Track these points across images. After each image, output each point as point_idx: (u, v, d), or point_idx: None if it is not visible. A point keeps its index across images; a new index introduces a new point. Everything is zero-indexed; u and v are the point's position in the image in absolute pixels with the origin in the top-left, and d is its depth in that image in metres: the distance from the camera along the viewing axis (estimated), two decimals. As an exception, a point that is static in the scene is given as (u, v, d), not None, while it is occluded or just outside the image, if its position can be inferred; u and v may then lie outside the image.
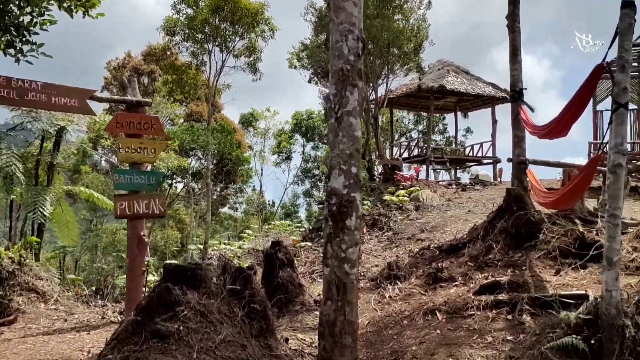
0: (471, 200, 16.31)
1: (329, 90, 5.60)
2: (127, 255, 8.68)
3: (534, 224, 8.36)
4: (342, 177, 5.33)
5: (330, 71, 5.60)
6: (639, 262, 7.11)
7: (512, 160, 8.98)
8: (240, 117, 44.59)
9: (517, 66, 9.12)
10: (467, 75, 23.99)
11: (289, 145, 49.15)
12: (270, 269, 8.89)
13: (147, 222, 9.96)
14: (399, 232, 11.96)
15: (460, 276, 8.17)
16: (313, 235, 14.63)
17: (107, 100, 9.35)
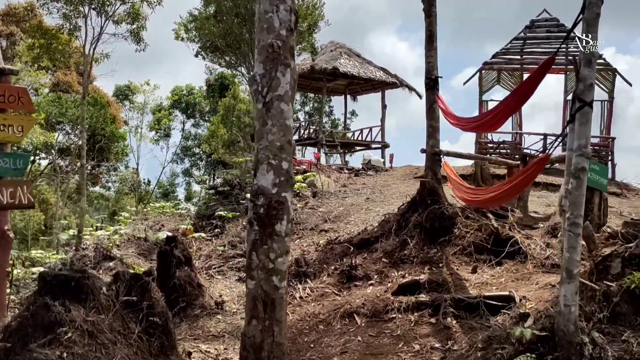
0: (366, 186, 16.11)
1: (255, 70, 4.72)
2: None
3: (448, 218, 8.11)
4: (272, 173, 4.52)
5: (257, 47, 4.71)
6: (555, 260, 7.06)
7: (426, 151, 8.66)
8: (115, 89, 41.30)
9: (432, 53, 8.77)
10: (359, 59, 23.83)
11: (168, 122, 46.62)
12: (165, 268, 7.83)
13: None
14: (300, 222, 11.31)
15: (376, 274, 7.71)
16: (204, 223, 13.55)
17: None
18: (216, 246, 10.28)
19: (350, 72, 22.19)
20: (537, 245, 7.44)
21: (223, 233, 12.08)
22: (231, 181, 14.75)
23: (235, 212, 12.49)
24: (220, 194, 14.37)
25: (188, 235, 11.43)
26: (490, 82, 19.55)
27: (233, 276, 9.24)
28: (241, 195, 13.87)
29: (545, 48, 19.10)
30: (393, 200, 13.00)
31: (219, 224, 12.51)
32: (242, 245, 10.09)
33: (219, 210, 12.88)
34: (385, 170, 19.24)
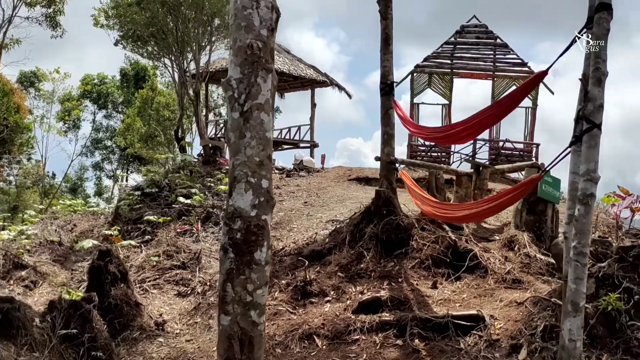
0: (301, 188, 15.65)
1: (230, 73, 4.11)
2: None
3: (404, 230, 7.84)
4: (250, 193, 3.94)
5: (233, 47, 4.11)
6: (516, 274, 6.95)
7: (381, 159, 8.32)
8: (20, 76, 38.17)
9: (389, 56, 8.44)
10: (289, 55, 23.31)
11: (79, 112, 43.80)
12: (98, 286, 6.97)
13: None
14: (240, 229, 10.69)
15: (332, 289, 7.29)
16: (130, 227, 12.52)
17: None
18: (149, 256, 9.43)
19: (281, 69, 21.59)
20: (495, 259, 7.32)
21: (153, 240, 11.18)
22: (159, 182, 13.77)
23: (166, 217, 11.61)
24: (147, 196, 13.36)
25: (115, 242, 10.45)
26: (422, 85, 19.68)
27: (171, 290, 8.48)
28: (170, 197, 12.96)
29: (474, 54, 19.49)
30: (333, 205, 12.64)
31: (147, 229, 11.58)
32: (180, 255, 9.34)
33: (148, 214, 11.93)
34: (317, 170, 18.87)
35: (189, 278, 8.72)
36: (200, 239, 10.43)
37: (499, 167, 9.60)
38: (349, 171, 18.22)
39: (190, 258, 9.19)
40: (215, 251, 9.90)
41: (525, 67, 18.94)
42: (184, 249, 9.56)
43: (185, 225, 11.35)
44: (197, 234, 10.54)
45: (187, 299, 8.18)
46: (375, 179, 17.01)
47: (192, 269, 8.97)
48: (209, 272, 8.96)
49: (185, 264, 9.06)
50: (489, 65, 19.11)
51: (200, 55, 18.26)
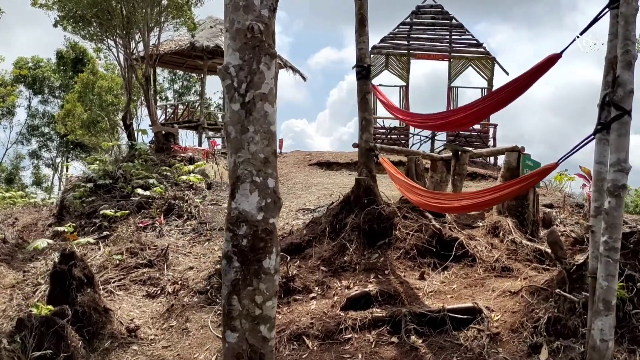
0: (261, 175, 15.18)
1: (227, 60, 3.64)
2: None
3: (386, 219, 7.57)
4: (256, 194, 3.52)
5: (230, 30, 3.63)
6: (505, 262, 6.81)
7: (359, 146, 7.99)
8: (-59, 60, 35.47)
9: (364, 38, 8.07)
10: (241, 37, 22.54)
11: (14, 99, 41.31)
12: (62, 293, 6.36)
13: None
14: (206, 222, 10.12)
15: (316, 285, 6.95)
16: (83, 222, 11.72)
17: None
18: (111, 254, 8.78)
19: (233, 51, 20.88)
20: (482, 246, 7.16)
21: (112, 235, 10.48)
22: (112, 172, 12.95)
23: (124, 210, 10.91)
24: (100, 188, 12.54)
25: (71, 240, 9.71)
26: (379, 66, 19.46)
27: (139, 291, 7.91)
28: (126, 188, 12.22)
29: (430, 34, 19.42)
30: (299, 192, 12.27)
31: (104, 224, 10.85)
32: (145, 253, 8.75)
33: (103, 208, 11.18)
34: (274, 156, 18.39)
35: (158, 277, 8.17)
36: (164, 234, 9.84)
37: (477, 152, 9.47)
38: (309, 155, 17.87)
39: (157, 255, 8.62)
40: (182, 246, 9.37)
41: (481, 47, 19.02)
42: (148, 246, 8.96)
43: (147, 219, 10.70)
44: (161, 228, 9.93)
45: (157, 300, 7.65)
46: (336, 164, 16.76)
47: (160, 266, 8.41)
48: (178, 269, 8.43)
49: (152, 261, 8.48)
50: (445, 46, 19.09)
51: (149, 37, 17.31)
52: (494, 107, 5.59)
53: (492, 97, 5.55)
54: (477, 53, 18.75)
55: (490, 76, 18.79)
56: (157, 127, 17.26)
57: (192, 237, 9.77)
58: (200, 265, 8.50)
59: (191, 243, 9.53)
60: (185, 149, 16.63)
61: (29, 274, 9.95)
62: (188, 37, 21.19)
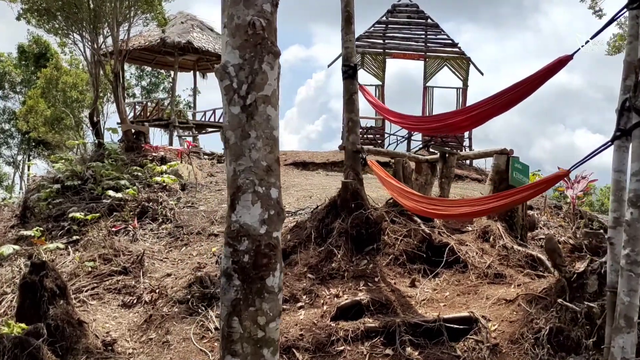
0: (236, 175, 14.79)
1: (225, 58, 3.32)
2: None
3: (374, 224, 7.35)
4: (258, 206, 3.22)
5: (228, 26, 3.31)
6: (497, 268, 6.65)
7: (345, 148, 7.73)
8: None
9: (351, 36, 7.82)
10: (213, 33, 21.99)
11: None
12: (33, 304, 5.92)
13: None
14: (182, 225, 9.69)
15: (304, 294, 6.67)
16: (50, 226, 11.15)
17: None
18: (83, 261, 8.31)
19: (206, 47, 20.37)
20: (473, 252, 6.99)
21: (81, 240, 9.98)
22: (82, 173, 12.39)
23: (95, 213, 10.40)
24: (68, 189, 11.98)
25: (39, 245, 9.18)
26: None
27: (114, 301, 7.49)
28: (96, 190, 11.69)
29: (406, 33, 19.31)
30: (277, 194, 11.92)
31: (73, 227, 10.33)
32: (119, 259, 8.32)
33: (72, 211, 10.65)
34: (248, 155, 17.98)
35: (133, 285, 7.75)
36: (138, 238, 9.41)
37: (465, 154, 9.35)
38: (284, 155, 17.52)
39: (132, 261, 8.19)
40: (158, 251, 8.97)
41: (456, 47, 18.99)
42: (122, 251, 8.52)
43: (119, 222, 10.23)
44: (134, 232, 9.49)
45: (134, 310, 7.24)
46: (312, 164, 16.48)
47: (136, 274, 7.99)
48: (154, 276, 8.02)
49: (126, 268, 8.05)
50: (421, 45, 18.99)
51: (119, 32, 16.70)
52: (499, 109, 5.40)
53: (497, 99, 5.34)
54: (453, 53, 18.72)
55: (466, 76, 18.78)
56: (127, 125, 16.68)
57: (168, 241, 9.37)
58: (178, 272, 8.12)
59: (167, 248, 9.13)
60: (156, 148, 16.10)
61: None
62: (158, 33, 20.57)
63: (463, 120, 5.76)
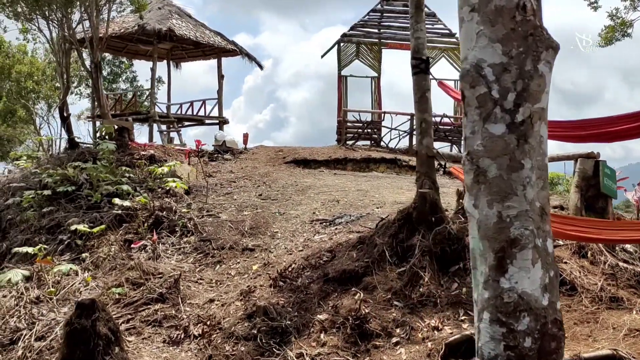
0: (237, 175, 13.62)
1: (478, 55, 2.33)
2: None
3: (457, 239, 6.48)
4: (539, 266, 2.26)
5: (481, 9, 2.33)
6: (611, 291, 5.90)
7: (418, 153, 6.81)
8: None
9: (421, 25, 6.89)
10: (192, 20, 20.50)
11: None
12: (85, 356, 4.75)
13: None
14: (211, 239, 8.53)
15: (396, 326, 5.73)
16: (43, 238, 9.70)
17: None
18: (108, 287, 7.08)
19: (187, 35, 18.93)
20: (576, 271, 6.22)
21: (83, 255, 8.70)
22: (75, 177, 10.95)
23: (99, 225, 9.10)
24: (62, 196, 10.55)
25: (45, 265, 7.86)
26: (350, 56, 18.27)
27: (156, 336, 6.33)
28: (94, 197, 10.34)
29: (402, 23, 18.47)
30: (298, 198, 10.92)
31: (76, 242, 9.01)
32: (151, 283, 7.14)
33: (73, 222, 9.31)
34: (240, 152, 16.81)
35: (174, 315, 6.62)
36: (160, 255, 8.22)
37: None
38: (280, 152, 16.46)
39: (168, 286, 7.03)
40: (190, 271, 7.82)
41: (454, 37, 18.32)
42: (152, 273, 7.34)
43: (130, 234, 8.99)
44: (155, 247, 8.29)
45: (184, 347, 6.12)
46: (314, 161, 15.48)
47: (173, 300, 6.85)
48: (195, 303, 6.91)
49: (163, 294, 6.89)
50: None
51: (98, 18, 15.12)
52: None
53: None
54: (451, 43, 18.04)
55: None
56: (109, 121, 15.19)
57: (196, 258, 8.22)
58: (221, 296, 7.02)
59: (198, 266, 7.99)
60: (144, 145, 14.72)
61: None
62: (134, 19, 18.98)
63: (629, 129, 4.84)
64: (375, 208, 9.66)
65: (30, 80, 29.12)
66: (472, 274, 2.46)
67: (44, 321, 6.65)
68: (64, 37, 16.65)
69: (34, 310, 7.08)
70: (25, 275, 7.19)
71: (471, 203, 2.41)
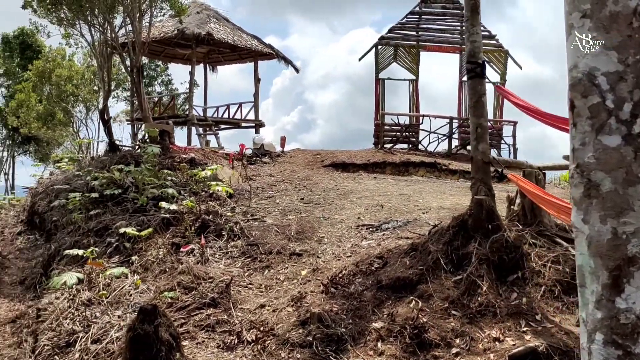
0: (277, 179, 13.64)
1: (591, 64, 2.23)
2: None
3: (514, 248, 6.32)
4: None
5: (594, 14, 2.22)
6: None
7: (474, 159, 6.68)
8: None
9: (477, 29, 6.75)
10: (229, 24, 20.68)
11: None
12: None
13: None
14: (258, 244, 8.53)
15: (455, 336, 5.61)
16: (91, 241, 9.84)
17: None
18: (161, 291, 7.12)
19: (225, 39, 19.07)
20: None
21: (132, 258, 8.78)
22: (122, 181, 11.11)
23: (146, 228, 9.19)
24: (108, 199, 10.71)
25: (96, 268, 7.97)
26: (387, 58, 18.16)
27: (209, 340, 6.34)
28: (139, 200, 10.46)
29: (441, 25, 18.32)
30: (340, 202, 10.85)
31: (125, 245, 9.11)
32: (202, 287, 7.16)
33: (121, 225, 9.42)
34: (277, 155, 16.84)
35: (226, 320, 6.62)
36: (208, 259, 8.25)
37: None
38: (318, 155, 16.43)
39: (219, 291, 7.03)
40: (238, 275, 7.82)
41: (493, 39, 18.07)
42: (203, 277, 7.36)
43: (177, 238, 9.05)
44: (203, 251, 8.33)
45: (237, 352, 6.10)
46: (353, 165, 15.41)
47: (225, 305, 6.85)
48: (246, 308, 6.90)
49: (215, 299, 6.90)
50: (457, 37, 17.99)
51: (140, 23, 15.33)
52: None
53: None
54: (490, 45, 17.77)
55: (504, 70, 17.88)
56: (151, 124, 15.38)
57: (244, 262, 8.22)
58: (272, 302, 6.99)
59: (246, 271, 7.98)
60: (185, 149, 14.86)
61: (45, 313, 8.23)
62: (173, 24, 19.22)
63: None
64: (422, 213, 9.52)
65: (69, 83, 29.75)
66: (580, 292, 2.35)
67: (99, 324, 6.72)
68: (105, 42, 16.96)
69: (86, 313, 7.17)
70: (79, 278, 7.26)
71: (580, 218, 2.31)
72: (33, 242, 15.18)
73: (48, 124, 31.27)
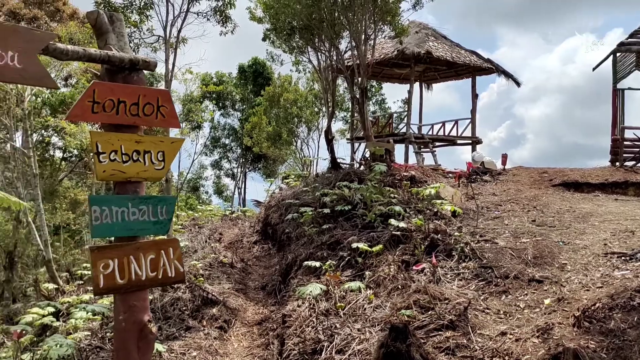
0: (502, 199, 13.03)
1: None
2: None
3: None
4: None
5: None
6: None
7: None
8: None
9: None
10: (447, 41, 20.63)
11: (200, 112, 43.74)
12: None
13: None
14: (492, 266, 8.22)
15: None
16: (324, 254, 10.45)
17: (72, 55, 4.44)
18: (393, 307, 7.21)
19: (444, 56, 19.01)
20: None
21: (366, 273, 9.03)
22: (351, 198, 11.67)
23: (376, 244, 9.44)
24: (339, 215, 11.32)
25: (333, 280, 8.41)
26: (628, 66, 16.34)
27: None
28: (367, 216, 10.82)
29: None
30: (580, 226, 9.91)
31: (357, 259, 9.47)
32: (439, 308, 7.06)
33: (352, 240, 9.83)
34: (498, 173, 16.13)
35: (466, 344, 6.40)
36: (440, 279, 8.13)
37: None
38: (545, 174, 15.34)
39: (457, 313, 6.88)
40: (474, 298, 7.54)
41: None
42: (438, 298, 7.27)
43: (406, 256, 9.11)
44: (434, 271, 8.24)
45: (482, 381, 5.86)
46: (587, 184, 14.06)
47: (464, 329, 6.65)
48: (486, 334, 6.60)
49: (453, 322, 6.76)
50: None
51: (366, 46, 16.03)
52: None
53: None
54: None
55: None
56: (373, 143, 15.91)
57: (477, 285, 7.93)
58: (513, 329, 6.59)
59: (481, 294, 7.68)
60: (406, 167, 15.06)
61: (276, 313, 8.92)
62: (392, 44, 19.75)
63: None
64: (684, 242, 8.24)
65: (294, 106, 32.51)
66: None
67: (341, 335, 7.03)
68: (330, 66, 18.09)
69: (327, 323, 7.57)
70: (322, 289, 7.72)
71: None
72: (267, 251, 16.73)
73: (276, 143, 34.44)
